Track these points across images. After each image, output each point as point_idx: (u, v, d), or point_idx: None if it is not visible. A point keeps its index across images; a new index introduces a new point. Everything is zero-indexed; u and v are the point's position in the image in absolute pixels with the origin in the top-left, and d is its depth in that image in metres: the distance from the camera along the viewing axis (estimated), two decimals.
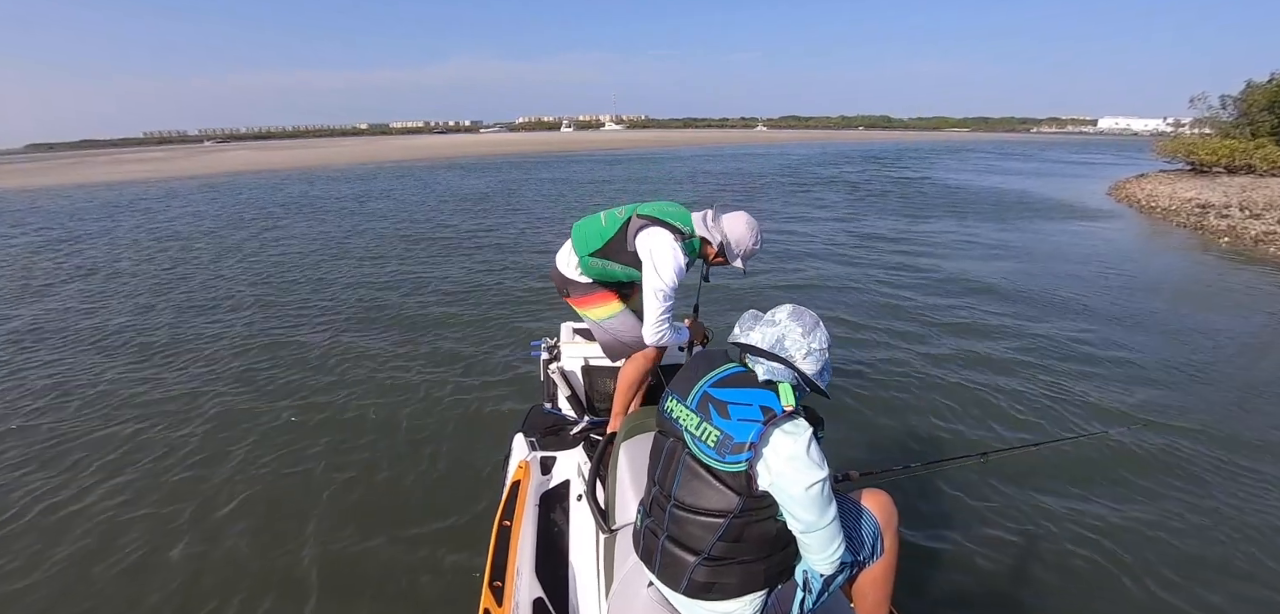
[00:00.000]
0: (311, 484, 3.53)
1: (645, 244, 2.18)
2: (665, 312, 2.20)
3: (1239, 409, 4.40)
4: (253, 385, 4.86)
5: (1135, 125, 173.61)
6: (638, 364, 2.35)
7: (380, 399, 4.53)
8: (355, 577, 2.81)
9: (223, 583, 2.80)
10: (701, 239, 2.26)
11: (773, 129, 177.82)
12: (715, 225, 2.24)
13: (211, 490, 3.49)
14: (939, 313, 6.61)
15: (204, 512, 3.31)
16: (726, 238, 2.24)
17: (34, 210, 17.58)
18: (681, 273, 2.18)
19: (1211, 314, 6.67)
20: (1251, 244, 10.59)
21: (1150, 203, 15.52)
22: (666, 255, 2.15)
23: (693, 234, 2.24)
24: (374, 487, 3.49)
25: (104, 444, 4.01)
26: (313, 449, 3.89)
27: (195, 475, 3.66)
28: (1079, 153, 47.93)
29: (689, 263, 2.23)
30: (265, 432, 4.12)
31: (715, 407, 1.33)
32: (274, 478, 3.61)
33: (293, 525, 3.17)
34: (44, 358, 5.58)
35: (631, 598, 1.51)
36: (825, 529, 1.31)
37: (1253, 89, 23.10)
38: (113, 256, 10.26)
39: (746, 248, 2.26)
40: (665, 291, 2.17)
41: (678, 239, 2.19)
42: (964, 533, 3.07)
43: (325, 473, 3.64)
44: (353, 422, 4.22)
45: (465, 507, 3.24)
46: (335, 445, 3.93)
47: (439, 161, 36.35)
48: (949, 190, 19.36)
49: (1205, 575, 2.84)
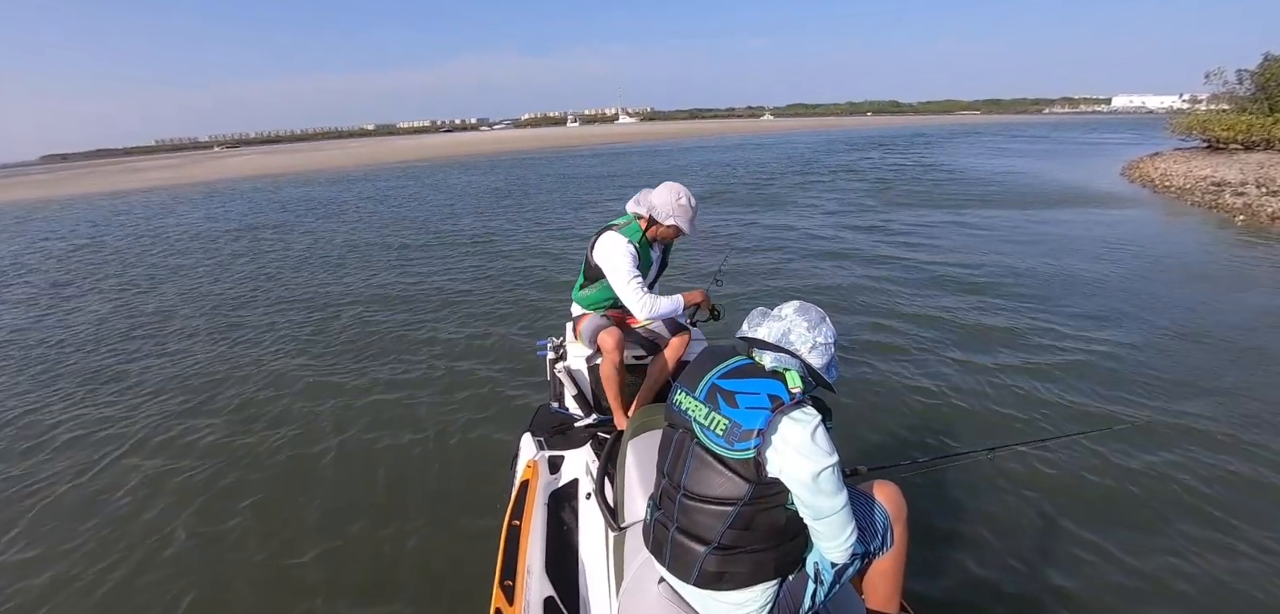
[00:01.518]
0: (319, 480, 3.59)
1: (599, 252, 2.57)
2: (637, 290, 2.47)
3: (1250, 396, 4.32)
4: (260, 382, 4.95)
5: (1150, 103, 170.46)
6: (605, 362, 2.52)
7: (383, 406, 4.53)
8: (364, 575, 2.84)
9: (226, 580, 2.84)
10: (636, 217, 2.59)
11: (779, 117, 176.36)
12: (642, 201, 2.58)
13: (215, 485, 3.57)
14: (947, 306, 6.54)
15: (208, 501, 3.40)
16: (652, 206, 2.54)
17: (116, 214, 17.90)
18: (631, 253, 2.50)
19: (1222, 295, 6.58)
20: (1267, 221, 10.39)
21: (1164, 182, 15.25)
22: (612, 248, 2.53)
23: (631, 220, 2.60)
24: (379, 488, 3.53)
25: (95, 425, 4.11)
26: (320, 445, 3.96)
27: (195, 465, 3.75)
28: (1092, 132, 47.13)
29: (636, 246, 2.54)
30: (278, 425, 4.21)
31: (723, 397, 1.34)
32: (282, 473, 3.68)
33: (301, 522, 3.22)
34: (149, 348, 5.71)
35: (642, 595, 1.52)
36: (836, 516, 1.32)
37: (1271, 62, 22.52)
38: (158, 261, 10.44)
39: (671, 208, 2.52)
40: (624, 271, 2.48)
41: (618, 231, 2.56)
42: (973, 527, 3.06)
43: (332, 469, 3.70)
44: (358, 421, 4.27)
45: (474, 507, 3.27)
46: (340, 443, 3.98)
47: (453, 162, 36.42)
48: (959, 176, 19.10)
49: (1218, 561, 2.82)
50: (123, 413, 4.65)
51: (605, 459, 2.03)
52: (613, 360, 2.48)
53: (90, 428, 4.43)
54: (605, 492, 1.92)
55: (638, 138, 62.58)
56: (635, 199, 2.61)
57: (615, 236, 2.55)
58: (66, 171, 60.34)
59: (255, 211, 17.07)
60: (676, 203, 2.53)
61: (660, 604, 1.47)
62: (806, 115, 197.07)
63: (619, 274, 2.50)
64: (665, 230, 2.58)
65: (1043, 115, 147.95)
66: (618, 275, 2.50)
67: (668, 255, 2.82)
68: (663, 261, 2.80)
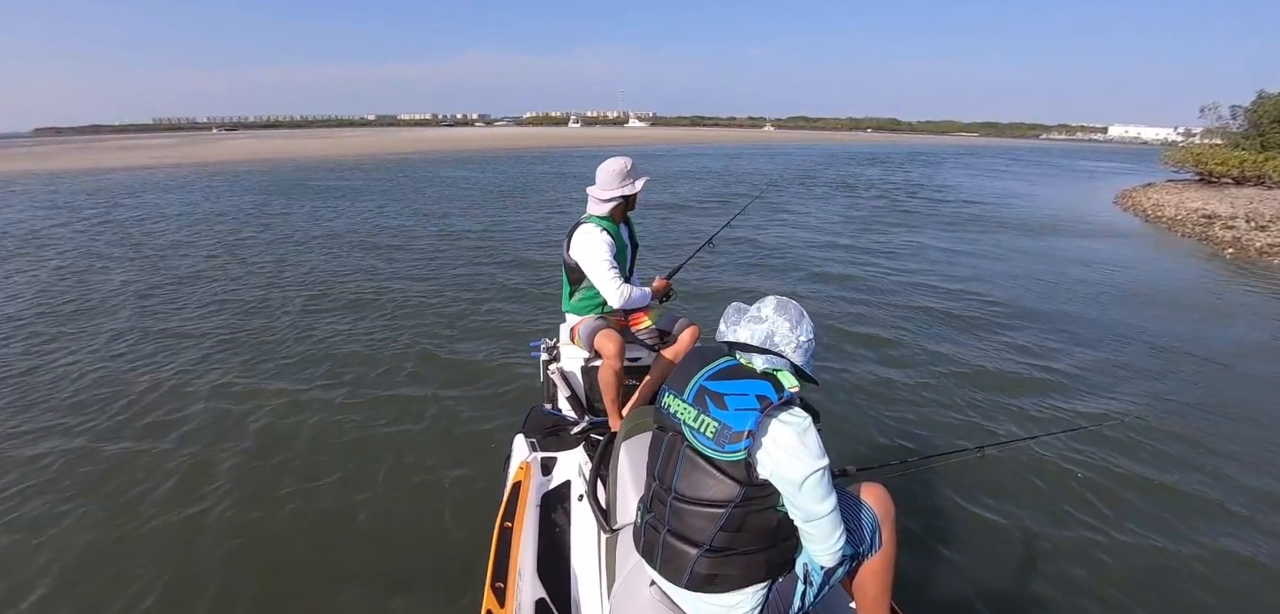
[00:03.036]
0: (306, 478, 3.55)
1: (576, 248, 2.62)
2: (615, 279, 2.55)
3: (1221, 405, 4.57)
4: (261, 377, 4.91)
5: (1146, 134, 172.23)
6: (604, 366, 2.54)
7: (372, 406, 4.44)
8: (354, 575, 2.81)
9: (218, 577, 2.80)
10: (600, 204, 2.64)
11: (780, 129, 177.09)
12: (593, 195, 2.67)
13: (212, 479, 3.52)
14: (937, 315, 6.64)
15: (193, 496, 3.35)
16: (598, 185, 2.63)
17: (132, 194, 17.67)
18: (608, 242, 2.57)
19: (1205, 322, 6.80)
20: (1255, 256, 10.56)
21: (1156, 212, 15.45)
22: (588, 240, 2.58)
23: (592, 212, 2.68)
24: (368, 487, 3.48)
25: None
26: (306, 442, 3.92)
27: (193, 453, 3.72)
28: (1088, 160, 47.74)
29: (611, 233, 2.60)
30: (266, 423, 4.15)
31: (712, 399, 1.34)
32: (270, 467, 3.63)
33: (288, 522, 3.17)
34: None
35: (634, 597, 1.51)
36: (826, 519, 1.32)
37: (1264, 100, 22.92)
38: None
39: (610, 175, 2.59)
40: (603, 260, 2.54)
41: (588, 223, 2.63)
42: (962, 526, 3.11)
43: (320, 466, 3.65)
44: (346, 421, 4.22)
45: (465, 508, 3.25)
46: (329, 441, 3.94)
47: (459, 155, 36.26)
48: (954, 196, 19.28)
49: (1198, 561, 2.93)
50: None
51: (598, 461, 2.02)
52: (613, 366, 2.48)
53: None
54: (598, 493, 1.91)
55: (645, 141, 63.18)
56: (591, 199, 2.67)
57: (588, 228, 2.60)
58: (72, 144, 59.65)
59: (279, 197, 16.94)
60: (613, 172, 2.60)
61: (652, 607, 1.46)
62: (807, 128, 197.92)
63: (597, 264, 2.55)
64: (620, 207, 2.66)
65: (1039, 140, 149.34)
66: (595, 264, 2.55)
67: (634, 235, 2.86)
68: (634, 242, 2.85)
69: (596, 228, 2.59)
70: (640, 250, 2.92)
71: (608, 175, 2.61)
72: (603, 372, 2.53)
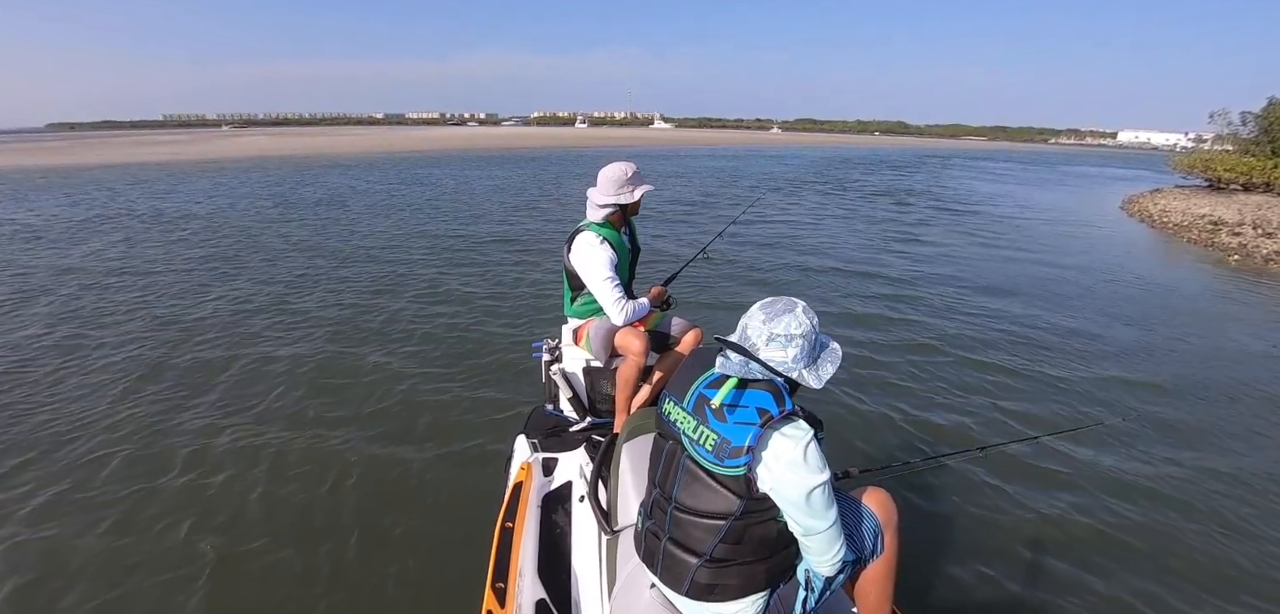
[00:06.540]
0: (304, 473, 3.57)
1: (575, 256, 2.53)
2: (615, 294, 2.46)
3: (1221, 411, 4.62)
4: (261, 373, 4.96)
5: (1155, 139, 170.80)
6: (629, 364, 2.47)
7: (373, 404, 4.45)
8: (353, 574, 2.83)
9: (222, 579, 2.82)
10: (598, 209, 2.55)
11: (788, 131, 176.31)
12: (592, 200, 2.57)
13: (213, 478, 3.56)
14: (942, 316, 6.67)
15: (201, 497, 3.40)
16: (597, 188, 2.55)
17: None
18: (608, 253, 2.47)
19: (1206, 327, 6.80)
20: (1261, 263, 10.49)
21: (1163, 218, 15.34)
22: (588, 249, 2.49)
23: (591, 218, 2.58)
24: (369, 485, 3.49)
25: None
26: (305, 435, 3.94)
27: (192, 445, 3.78)
28: (1096, 165, 47.33)
29: (603, 239, 2.50)
30: (267, 425, 4.18)
31: (711, 408, 1.31)
32: (267, 466, 3.65)
33: (287, 518, 3.19)
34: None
35: (634, 599, 1.51)
36: (826, 532, 1.30)
37: (1274, 106, 22.68)
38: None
39: (608, 181, 2.51)
40: (601, 273, 2.45)
41: (588, 230, 2.52)
42: (965, 528, 3.10)
43: (320, 462, 3.68)
44: (346, 417, 4.24)
45: (467, 508, 3.26)
46: (329, 437, 3.96)
47: (477, 156, 36.06)
48: (964, 199, 19.20)
49: (1202, 566, 2.95)
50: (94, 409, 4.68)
51: (599, 462, 2.00)
52: (637, 365, 2.43)
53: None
54: (599, 495, 1.90)
55: (670, 143, 63.98)
56: (590, 203, 2.58)
57: (587, 237, 2.50)
58: (87, 140, 60.13)
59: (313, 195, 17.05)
60: (615, 177, 2.52)
61: (652, 609, 1.46)
62: (815, 130, 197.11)
63: (599, 281, 2.45)
64: (619, 213, 2.57)
65: (1049, 145, 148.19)
66: (597, 282, 2.46)
67: (636, 239, 2.77)
68: (635, 246, 2.75)
69: (596, 237, 2.49)
70: (642, 254, 2.84)
71: (606, 180, 2.52)
72: (625, 368, 2.46)
